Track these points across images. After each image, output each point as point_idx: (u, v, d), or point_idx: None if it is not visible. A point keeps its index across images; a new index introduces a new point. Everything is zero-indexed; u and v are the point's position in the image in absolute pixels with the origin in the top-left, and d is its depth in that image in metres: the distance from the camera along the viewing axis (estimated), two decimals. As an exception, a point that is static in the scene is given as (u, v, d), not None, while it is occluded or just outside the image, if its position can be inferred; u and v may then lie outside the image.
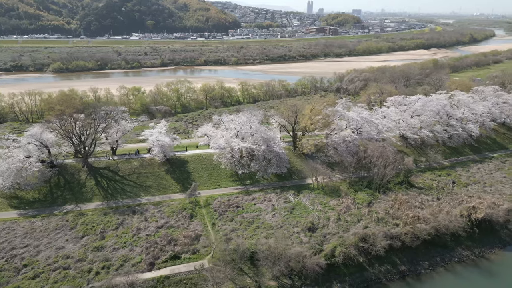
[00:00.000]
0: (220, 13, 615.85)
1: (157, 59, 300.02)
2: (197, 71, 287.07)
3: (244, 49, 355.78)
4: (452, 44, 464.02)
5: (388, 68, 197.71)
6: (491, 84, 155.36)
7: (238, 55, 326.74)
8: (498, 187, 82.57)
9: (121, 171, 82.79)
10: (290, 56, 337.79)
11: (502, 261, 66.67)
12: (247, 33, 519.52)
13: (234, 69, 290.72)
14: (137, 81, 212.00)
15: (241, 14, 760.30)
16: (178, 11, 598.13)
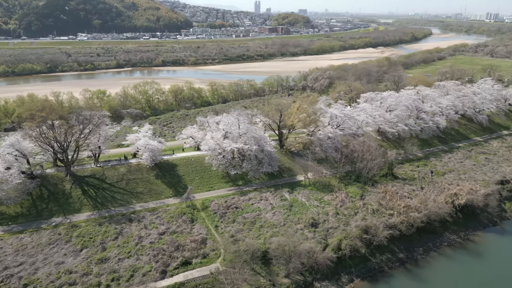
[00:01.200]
0: (171, 13, 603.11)
1: (111, 60, 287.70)
2: (155, 72, 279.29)
3: (201, 49, 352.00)
4: (396, 43, 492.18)
5: (349, 66, 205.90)
6: (440, 79, 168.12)
7: (196, 55, 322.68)
8: (471, 174, 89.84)
9: (108, 178, 79.17)
10: (249, 56, 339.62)
11: (484, 242, 72.68)
12: (200, 33, 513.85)
13: (193, 69, 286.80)
14: (95, 83, 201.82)
15: (191, 13, 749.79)
16: (126, 10, 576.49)
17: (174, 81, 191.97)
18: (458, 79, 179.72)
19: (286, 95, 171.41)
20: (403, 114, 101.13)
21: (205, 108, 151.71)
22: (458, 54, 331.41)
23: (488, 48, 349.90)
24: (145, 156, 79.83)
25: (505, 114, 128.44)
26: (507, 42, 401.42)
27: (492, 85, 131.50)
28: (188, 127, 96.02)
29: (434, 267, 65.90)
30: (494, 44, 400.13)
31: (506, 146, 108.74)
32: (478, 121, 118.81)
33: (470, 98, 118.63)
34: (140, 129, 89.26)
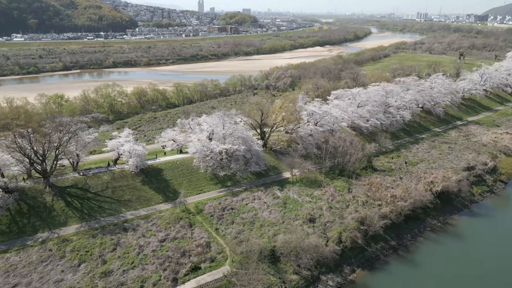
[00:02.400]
0: (114, 12, 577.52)
1: (57, 62, 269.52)
2: (106, 74, 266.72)
3: (153, 49, 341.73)
4: (341, 41, 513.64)
5: (308, 65, 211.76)
6: (393, 76, 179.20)
7: (148, 55, 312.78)
8: (440, 163, 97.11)
9: (92, 187, 74.97)
10: (203, 56, 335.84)
11: (460, 225, 79.09)
12: (147, 33, 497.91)
13: (147, 70, 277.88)
14: (44, 88, 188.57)
15: (134, 12, 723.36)
16: (64, 9, 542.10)
17: (130, 83, 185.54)
18: (408, 75, 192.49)
19: (251, 94, 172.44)
20: (374, 109, 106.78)
21: (172, 110, 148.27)
22: (400, 52, 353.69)
23: (426, 46, 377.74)
24: (131, 162, 76.64)
25: (457, 106, 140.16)
26: (440, 40, 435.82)
27: (444, 79, 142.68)
28: (168, 130, 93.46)
29: (422, 251, 70.53)
30: (429, 41, 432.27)
31: (463, 135, 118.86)
32: (436, 114, 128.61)
33: (428, 92, 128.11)
34: (120, 134, 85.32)
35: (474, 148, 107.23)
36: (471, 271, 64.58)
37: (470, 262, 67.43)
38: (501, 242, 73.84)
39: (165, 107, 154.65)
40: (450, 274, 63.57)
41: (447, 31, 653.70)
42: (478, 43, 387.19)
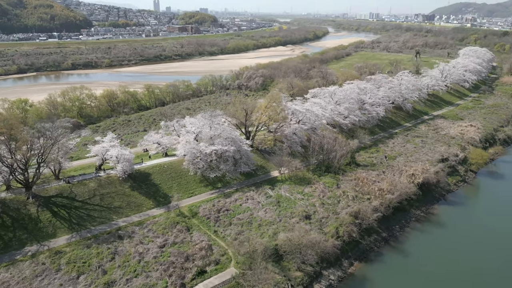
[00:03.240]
0: (67, 11, 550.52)
1: (10, 65, 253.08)
2: (65, 76, 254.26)
3: (113, 49, 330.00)
4: (302, 41, 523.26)
5: (277, 64, 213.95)
6: (360, 73, 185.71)
7: (109, 56, 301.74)
8: (417, 156, 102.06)
9: (79, 195, 71.64)
10: (166, 56, 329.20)
11: (441, 213, 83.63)
12: (104, 33, 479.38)
13: (109, 71, 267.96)
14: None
15: (88, 11, 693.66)
16: (12, 8, 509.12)
17: (94, 86, 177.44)
18: (373, 73, 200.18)
19: (224, 94, 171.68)
20: (352, 107, 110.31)
21: (145, 112, 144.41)
22: (360, 50, 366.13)
23: (383, 44, 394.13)
24: (119, 168, 73.97)
25: (423, 102, 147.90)
26: (395, 39, 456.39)
27: (410, 76, 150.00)
28: (152, 133, 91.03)
29: (410, 240, 73.85)
30: (385, 40, 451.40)
31: (432, 129, 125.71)
32: (406, 109, 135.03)
33: (398, 88, 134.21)
34: (103, 139, 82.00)
35: (444, 141, 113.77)
36: (454, 256, 68.31)
37: (452, 247, 71.28)
38: (476, 228, 78.37)
39: (137, 109, 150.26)
40: (436, 260, 66.91)
41: (399, 31, 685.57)
42: (430, 42, 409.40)
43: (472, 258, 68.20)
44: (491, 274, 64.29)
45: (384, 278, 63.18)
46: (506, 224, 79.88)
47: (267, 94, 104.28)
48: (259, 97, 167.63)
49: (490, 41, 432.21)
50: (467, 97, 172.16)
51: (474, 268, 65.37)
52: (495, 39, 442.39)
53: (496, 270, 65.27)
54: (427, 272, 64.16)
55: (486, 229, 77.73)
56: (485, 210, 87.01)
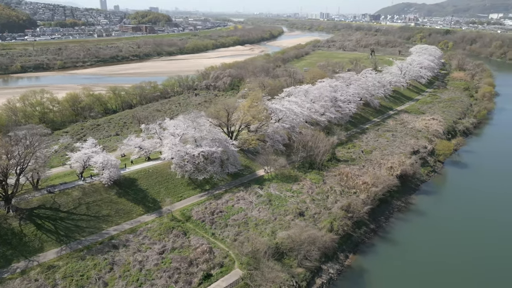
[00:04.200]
0: (8, 10, 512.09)
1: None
2: (13, 80, 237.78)
3: (65, 50, 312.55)
4: (259, 40, 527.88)
5: (242, 64, 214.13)
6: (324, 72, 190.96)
7: (62, 58, 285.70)
8: (390, 149, 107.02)
9: (63, 205, 67.68)
10: (123, 57, 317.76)
11: (419, 203, 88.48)
12: (51, 33, 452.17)
13: (63, 74, 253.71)
14: None
15: (31, 10, 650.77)
16: None
17: (52, 89, 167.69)
18: (336, 72, 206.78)
19: (193, 95, 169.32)
20: (327, 104, 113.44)
21: (114, 115, 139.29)
22: (317, 49, 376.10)
23: (338, 43, 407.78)
24: (106, 174, 70.74)
25: (388, 97, 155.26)
26: (349, 38, 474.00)
27: (373, 74, 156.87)
28: (132, 137, 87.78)
29: (396, 230, 77.42)
30: (339, 39, 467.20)
31: (399, 123, 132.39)
32: (373, 105, 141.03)
33: (366, 86, 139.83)
34: (83, 145, 77.93)
35: (412, 134, 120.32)
36: (434, 241, 72.60)
37: (432, 233, 75.45)
38: (448, 214, 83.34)
39: (104, 113, 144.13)
40: (419, 246, 71.05)
41: (350, 30, 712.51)
42: (381, 40, 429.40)
43: (449, 241, 72.61)
44: (463, 252, 69.51)
45: (377, 268, 65.58)
46: (473, 208, 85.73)
47: (251, 94, 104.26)
48: (229, 96, 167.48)
49: (435, 39, 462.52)
50: (424, 92, 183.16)
51: (452, 250, 70.00)
52: (438, 37, 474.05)
53: (466, 248, 70.71)
54: (413, 258, 67.54)
55: (457, 213, 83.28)
56: (454, 196, 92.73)
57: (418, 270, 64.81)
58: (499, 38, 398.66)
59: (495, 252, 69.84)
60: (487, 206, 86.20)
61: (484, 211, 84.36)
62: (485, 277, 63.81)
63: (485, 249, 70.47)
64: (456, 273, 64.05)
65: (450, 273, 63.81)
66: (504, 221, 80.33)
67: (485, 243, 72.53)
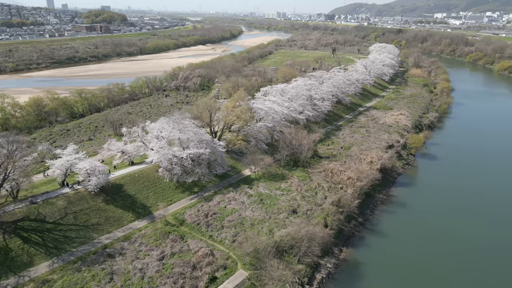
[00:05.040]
0: None
1: None
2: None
3: (15, 52, 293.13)
4: (220, 40, 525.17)
5: (210, 63, 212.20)
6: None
7: (13, 60, 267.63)
8: (367, 145, 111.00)
9: (48, 216, 64.07)
10: (81, 58, 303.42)
11: (398, 194, 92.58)
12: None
13: (17, 77, 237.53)
14: None
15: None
16: None
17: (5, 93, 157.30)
18: (304, 71, 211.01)
19: (163, 96, 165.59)
20: (305, 102, 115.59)
21: (83, 119, 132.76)
22: (280, 49, 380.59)
23: (300, 43, 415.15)
24: (94, 181, 67.68)
25: (357, 95, 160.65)
26: (309, 37, 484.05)
27: (342, 72, 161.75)
28: (112, 141, 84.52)
29: (381, 221, 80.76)
30: (299, 39, 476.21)
31: (371, 119, 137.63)
32: (344, 102, 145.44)
33: (337, 83, 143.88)
34: (64, 152, 73.93)
35: (385, 129, 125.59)
36: (417, 230, 76.63)
37: (414, 223, 79.46)
38: (426, 204, 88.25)
39: (71, 117, 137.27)
40: (404, 235, 74.73)
41: (308, 29, 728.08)
42: (340, 39, 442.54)
43: (428, 229, 77.00)
44: (441, 238, 74.11)
45: (370, 260, 67.76)
46: (445, 197, 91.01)
47: (234, 95, 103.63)
48: (200, 97, 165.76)
49: (388, 38, 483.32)
50: (388, 89, 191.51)
51: (431, 237, 74.10)
52: (392, 36, 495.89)
53: (444, 233, 75.30)
54: (400, 248, 70.86)
55: (432, 203, 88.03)
56: (428, 187, 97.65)
57: (406, 259, 67.86)
58: (448, 36, 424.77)
59: (466, 234, 75.91)
60: (457, 194, 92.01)
61: (455, 199, 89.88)
62: (460, 256, 68.70)
63: (459, 233, 76.01)
64: (437, 257, 67.98)
65: (432, 258, 67.69)
66: (472, 205, 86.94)
67: (458, 228, 77.89)
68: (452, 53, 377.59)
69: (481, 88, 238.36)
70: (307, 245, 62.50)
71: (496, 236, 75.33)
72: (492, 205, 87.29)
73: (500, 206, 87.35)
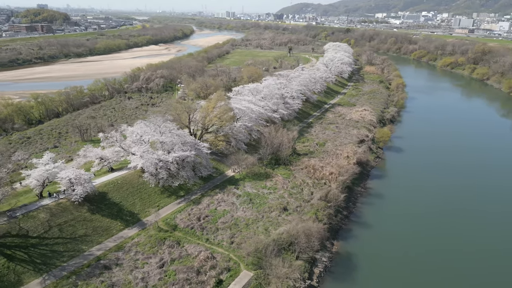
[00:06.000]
0: None
1: None
2: None
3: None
4: (172, 39, 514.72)
5: (170, 63, 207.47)
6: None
7: None
8: (340, 140, 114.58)
9: (31, 231, 59.64)
10: (25, 60, 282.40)
11: (374, 187, 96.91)
12: None
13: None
14: None
15: None
16: None
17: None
18: (267, 70, 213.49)
19: (125, 98, 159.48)
20: (279, 101, 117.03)
21: (42, 126, 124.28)
22: (236, 48, 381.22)
23: (255, 42, 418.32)
24: (79, 191, 63.88)
25: (322, 92, 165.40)
26: (263, 37, 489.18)
27: (307, 70, 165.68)
28: (88, 147, 80.00)
29: (363, 213, 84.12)
30: (254, 38, 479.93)
31: (338, 115, 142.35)
32: (312, 100, 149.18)
33: (305, 82, 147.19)
34: (40, 160, 68.95)
35: (353, 125, 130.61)
36: (396, 219, 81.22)
37: (392, 211, 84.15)
38: (398, 191, 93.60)
39: (27, 124, 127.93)
40: (386, 225, 78.74)
41: (260, 29, 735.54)
42: (293, 39, 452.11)
43: (406, 217, 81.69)
44: (417, 222, 79.69)
45: (359, 250, 70.21)
46: (416, 185, 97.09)
47: (214, 95, 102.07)
48: (165, 98, 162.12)
49: (337, 37, 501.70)
50: (348, 86, 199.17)
51: (410, 223, 79.18)
52: (341, 35, 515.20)
53: (419, 218, 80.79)
54: (384, 236, 74.56)
55: (405, 191, 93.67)
56: (398, 178, 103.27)
57: (392, 248, 71.09)
58: (393, 35, 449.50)
59: (436, 216, 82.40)
60: (427, 183, 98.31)
61: (424, 186, 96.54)
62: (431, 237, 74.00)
63: (433, 216, 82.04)
64: (417, 240, 73.29)
65: (414, 244, 72.19)
66: (440, 189, 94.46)
67: (432, 212, 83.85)
68: (398, 51, 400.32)
69: (428, 83, 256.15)
70: (305, 241, 63.64)
71: (462, 213, 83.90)
72: (456, 184, 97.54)
73: (460, 181, 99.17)
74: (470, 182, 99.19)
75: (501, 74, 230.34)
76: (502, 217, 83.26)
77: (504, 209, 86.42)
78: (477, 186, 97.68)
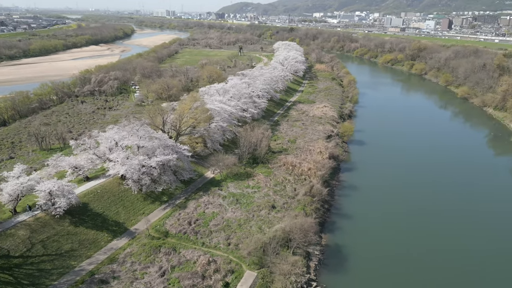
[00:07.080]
0: None
1: None
2: None
3: None
4: (113, 39, 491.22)
5: (120, 64, 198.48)
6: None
7: None
8: (308, 137, 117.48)
9: (12, 250, 54.68)
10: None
11: (346, 179, 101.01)
12: None
13: None
14: None
15: None
16: None
17: None
18: (224, 69, 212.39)
19: (78, 103, 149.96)
20: (248, 101, 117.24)
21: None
22: (185, 48, 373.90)
23: (203, 41, 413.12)
24: (63, 203, 59.39)
25: (282, 90, 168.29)
26: (210, 36, 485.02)
27: (266, 69, 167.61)
28: (59, 156, 74.61)
29: (342, 205, 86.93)
30: (201, 38, 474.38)
31: (301, 113, 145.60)
32: (275, 99, 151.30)
33: (269, 81, 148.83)
34: (9, 173, 62.95)
35: (317, 121, 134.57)
36: (371, 208, 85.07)
37: (367, 201, 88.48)
38: (368, 181, 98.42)
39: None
40: (364, 214, 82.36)
41: (204, 28, 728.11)
42: (241, 38, 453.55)
43: (380, 206, 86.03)
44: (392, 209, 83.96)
45: (346, 241, 73.22)
46: (381, 173, 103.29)
47: (188, 96, 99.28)
48: (121, 100, 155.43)
49: (282, 35, 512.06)
50: (303, 84, 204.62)
51: (386, 210, 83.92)
52: (285, 34, 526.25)
53: (393, 205, 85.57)
54: (365, 225, 78.39)
55: (374, 181, 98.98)
56: (366, 169, 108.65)
57: (372, 234, 74.85)
58: (335, 34, 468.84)
59: (406, 204, 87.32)
60: (391, 170, 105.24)
61: (390, 175, 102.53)
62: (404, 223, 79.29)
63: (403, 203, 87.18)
64: (394, 227, 77.83)
65: (394, 231, 76.75)
66: (405, 177, 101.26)
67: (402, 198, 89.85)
68: (341, 49, 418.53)
69: (373, 79, 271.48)
70: (301, 237, 64.91)
71: (426, 197, 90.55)
72: (416, 172, 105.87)
73: (421, 169, 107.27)
74: (422, 161, 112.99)
75: (437, 69, 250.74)
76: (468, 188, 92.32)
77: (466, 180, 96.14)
78: (428, 163, 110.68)
